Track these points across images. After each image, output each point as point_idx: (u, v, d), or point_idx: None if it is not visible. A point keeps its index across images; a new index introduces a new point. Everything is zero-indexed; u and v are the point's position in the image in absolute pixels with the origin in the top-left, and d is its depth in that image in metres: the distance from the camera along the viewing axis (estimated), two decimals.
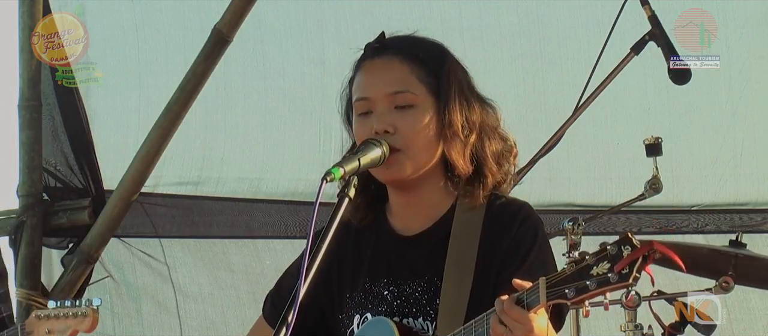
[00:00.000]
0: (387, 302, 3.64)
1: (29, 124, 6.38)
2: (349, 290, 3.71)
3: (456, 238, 3.61)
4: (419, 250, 3.67)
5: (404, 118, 3.61)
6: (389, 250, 3.70)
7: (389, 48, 3.70)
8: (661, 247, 3.16)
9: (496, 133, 3.71)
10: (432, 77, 3.65)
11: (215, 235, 6.70)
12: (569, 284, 3.21)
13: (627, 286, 3.16)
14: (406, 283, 3.64)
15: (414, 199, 3.68)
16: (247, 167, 6.58)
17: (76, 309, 4.35)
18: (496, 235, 3.60)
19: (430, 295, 3.60)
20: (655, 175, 5.20)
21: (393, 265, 3.68)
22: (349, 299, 3.71)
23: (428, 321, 3.60)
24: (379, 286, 3.67)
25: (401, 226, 3.72)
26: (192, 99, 6.17)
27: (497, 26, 6.28)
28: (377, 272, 3.69)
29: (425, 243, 3.67)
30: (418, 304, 3.62)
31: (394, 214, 3.74)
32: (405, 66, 3.65)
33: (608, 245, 3.17)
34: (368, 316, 3.65)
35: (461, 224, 3.63)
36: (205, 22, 6.19)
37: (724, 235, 5.81)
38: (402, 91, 3.63)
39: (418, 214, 3.69)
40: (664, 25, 5.12)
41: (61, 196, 6.51)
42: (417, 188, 3.66)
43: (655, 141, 5.19)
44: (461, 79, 3.71)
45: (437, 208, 3.69)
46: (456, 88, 3.67)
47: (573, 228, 5.07)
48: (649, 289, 5.04)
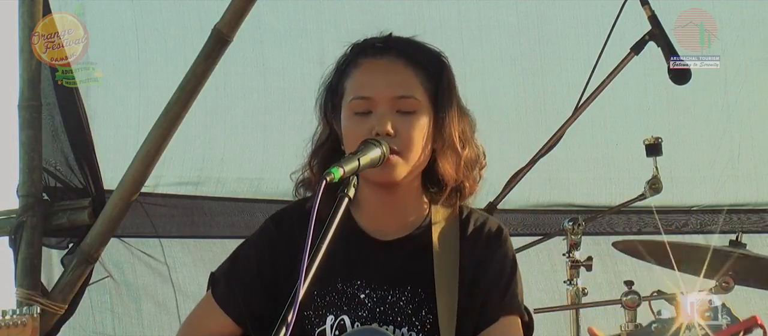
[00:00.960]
0: (367, 307, 3.63)
1: (29, 124, 6.37)
2: (317, 287, 3.68)
3: (438, 250, 3.62)
4: (398, 258, 3.66)
5: (405, 123, 3.61)
6: (364, 252, 3.69)
7: (392, 49, 3.70)
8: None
9: (472, 143, 3.73)
10: (432, 84, 3.66)
11: (215, 235, 6.69)
12: None
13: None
14: (388, 291, 3.63)
15: (392, 200, 3.68)
16: (247, 167, 6.58)
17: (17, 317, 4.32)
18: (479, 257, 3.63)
19: (415, 305, 3.60)
20: (655, 175, 5.20)
21: (370, 269, 3.67)
22: (317, 297, 3.68)
23: (413, 331, 3.60)
24: (353, 288, 3.65)
25: (374, 228, 3.71)
26: (192, 99, 6.17)
27: (497, 26, 6.28)
28: (351, 274, 3.67)
29: (404, 250, 3.66)
30: (403, 313, 3.61)
31: (365, 215, 3.71)
32: (409, 70, 3.66)
33: None
34: (345, 319, 3.64)
35: (440, 236, 3.64)
36: (205, 22, 6.18)
37: (724, 235, 5.81)
38: (407, 97, 3.63)
39: (393, 218, 3.69)
40: (664, 25, 5.12)
41: (61, 196, 6.50)
42: (398, 191, 3.67)
43: (655, 141, 5.19)
44: (456, 90, 3.73)
45: (413, 214, 3.70)
46: (455, 100, 3.68)
47: (573, 228, 5.07)
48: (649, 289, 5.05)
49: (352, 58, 3.72)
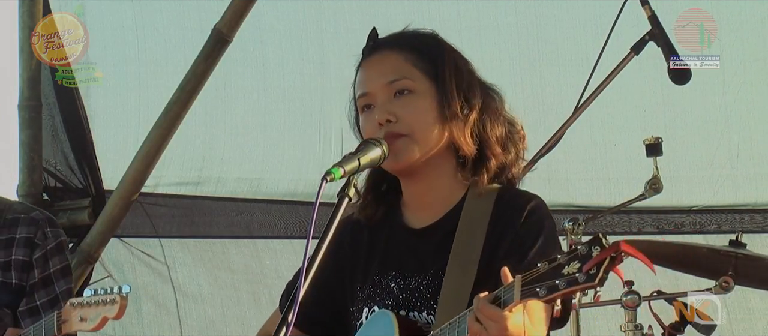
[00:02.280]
0: (393, 295, 3.66)
1: (29, 124, 6.38)
2: (360, 283, 3.73)
3: (463, 230, 3.62)
4: (428, 243, 3.68)
5: (404, 105, 3.64)
6: (400, 242, 3.72)
7: (383, 44, 3.75)
8: (629, 247, 3.13)
9: (500, 116, 3.72)
10: (428, 63, 3.69)
11: (215, 235, 6.70)
12: (541, 283, 3.17)
13: (593, 286, 3.12)
14: (413, 276, 3.65)
15: (425, 187, 3.69)
16: (247, 167, 6.59)
17: (106, 296, 4.46)
18: (502, 227, 3.60)
19: (434, 288, 3.61)
20: (655, 175, 5.20)
21: (403, 257, 3.69)
22: (359, 292, 3.72)
23: (432, 315, 3.61)
24: (387, 279, 3.68)
25: (414, 218, 3.73)
26: (192, 99, 6.17)
27: (496, 26, 6.29)
28: (387, 265, 3.70)
29: (434, 235, 3.68)
30: (423, 297, 3.63)
31: (407, 207, 3.75)
32: (399, 55, 3.70)
33: (579, 245, 3.15)
34: (376, 309, 3.67)
35: (469, 215, 3.64)
36: (205, 22, 6.19)
37: (724, 235, 5.81)
38: (397, 79, 3.66)
39: (430, 205, 3.70)
40: (664, 25, 5.12)
41: (61, 196, 6.51)
42: (427, 176, 3.67)
43: (655, 141, 5.19)
44: (458, 61, 3.74)
45: (449, 198, 3.69)
46: (452, 70, 3.70)
47: (573, 228, 5.07)
48: (649, 289, 5.05)
49: (357, 68, 3.77)
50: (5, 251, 4.95)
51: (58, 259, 5.00)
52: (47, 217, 5.04)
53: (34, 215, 4.99)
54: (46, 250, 4.97)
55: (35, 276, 4.95)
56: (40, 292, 4.95)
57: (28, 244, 4.95)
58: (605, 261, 3.10)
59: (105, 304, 4.50)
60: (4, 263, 4.93)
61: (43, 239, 4.97)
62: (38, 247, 4.96)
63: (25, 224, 4.97)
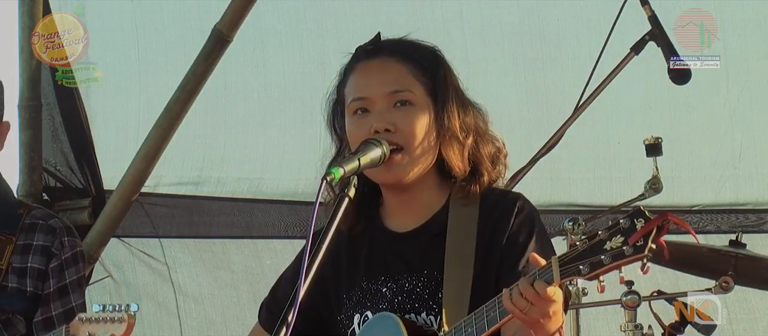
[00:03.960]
0: (387, 299, 3.65)
1: (29, 124, 6.38)
2: (346, 290, 3.72)
3: (453, 232, 3.63)
4: (415, 246, 3.68)
5: (403, 117, 3.63)
6: (384, 247, 3.72)
7: (384, 50, 3.73)
8: (675, 218, 3.17)
9: (487, 135, 3.73)
10: (428, 79, 3.69)
11: (215, 235, 6.70)
12: (583, 260, 3.20)
13: (643, 257, 3.15)
14: (405, 279, 3.65)
15: (409, 198, 3.70)
16: (247, 167, 6.58)
17: (114, 313, 4.44)
18: (493, 228, 3.62)
19: (432, 289, 3.61)
20: (655, 175, 5.20)
21: (389, 262, 3.69)
22: (346, 299, 3.72)
23: (432, 315, 3.61)
24: (377, 284, 3.68)
25: (395, 224, 3.74)
26: (192, 99, 6.17)
27: (498, 26, 6.28)
28: (374, 271, 3.70)
29: (421, 238, 3.69)
30: (421, 298, 3.63)
31: (388, 213, 3.75)
32: (402, 66, 3.68)
33: (621, 219, 3.17)
34: (368, 315, 3.66)
35: (457, 219, 3.65)
36: (205, 22, 6.18)
37: (724, 235, 5.81)
38: (400, 90, 3.65)
39: (412, 212, 3.71)
40: (664, 25, 5.12)
41: (61, 196, 6.51)
42: (412, 189, 3.69)
43: (655, 141, 5.19)
44: (455, 82, 3.74)
45: (432, 203, 3.71)
46: (452, 91, 3.70)
47: (573, 228, 5.07)
48: (649, 289, 5.05)
49: (348, 67, 3.76)
50: (22, 257, 4.92)
51: (74, 270, 4.98)
52: (66, 226, 5.01)
53: (53, 223, 4.96)
54: (62, 260, 4.95)
55: (51, 286, 4.93)
56: (56, 303, 4.94)
57: (44, 253, 4.92)
58: (652, 231, 3.11)
59: (113, 322, 4.47)
60: (20, 269, 4.91)
61: (61, 249, 4.94)
62: (55, 256, 4.94)
63: (43, 232, 4.94)
